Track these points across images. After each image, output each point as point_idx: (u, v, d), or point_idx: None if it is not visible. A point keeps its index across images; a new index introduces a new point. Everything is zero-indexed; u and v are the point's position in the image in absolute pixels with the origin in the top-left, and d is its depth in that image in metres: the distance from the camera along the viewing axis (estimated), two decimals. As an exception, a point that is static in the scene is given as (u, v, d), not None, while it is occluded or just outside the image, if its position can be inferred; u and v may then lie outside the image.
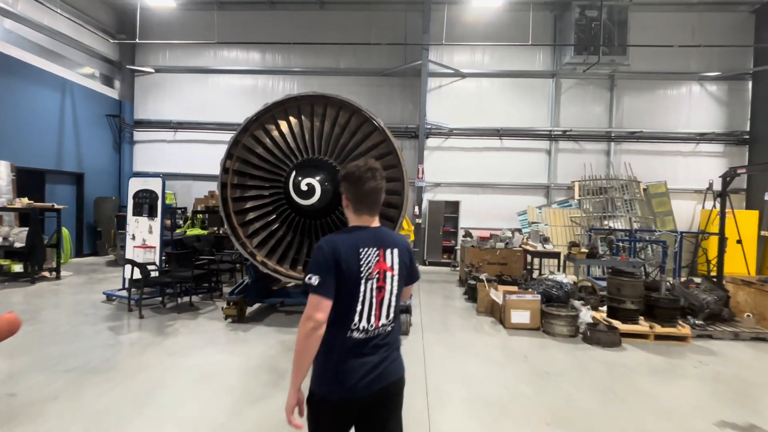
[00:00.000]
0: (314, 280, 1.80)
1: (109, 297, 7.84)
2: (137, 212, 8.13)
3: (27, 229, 8.95)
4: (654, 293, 6.87)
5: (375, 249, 1.93)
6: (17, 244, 8.96)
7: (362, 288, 1.88)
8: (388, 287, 1.95)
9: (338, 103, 6.33)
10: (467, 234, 10.97)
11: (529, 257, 10.08)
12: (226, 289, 8.43)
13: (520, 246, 9.97)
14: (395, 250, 2.00)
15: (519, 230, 11.96)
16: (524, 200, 13.05)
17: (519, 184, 13.25)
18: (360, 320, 1.89)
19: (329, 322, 1.82)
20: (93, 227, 12.63)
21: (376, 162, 2.02)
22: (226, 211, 6.50)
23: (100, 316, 6.84)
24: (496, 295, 7.59)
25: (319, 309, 1.77)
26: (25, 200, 9.03)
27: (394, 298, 1.99)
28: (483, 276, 8.63)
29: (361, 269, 1.87)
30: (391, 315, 1.99)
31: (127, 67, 13.63)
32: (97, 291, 8.40)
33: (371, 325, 1.91)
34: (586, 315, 6.76)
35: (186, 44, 13.53)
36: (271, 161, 6.37)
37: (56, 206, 9.45)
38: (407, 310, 6.42)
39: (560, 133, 13.13)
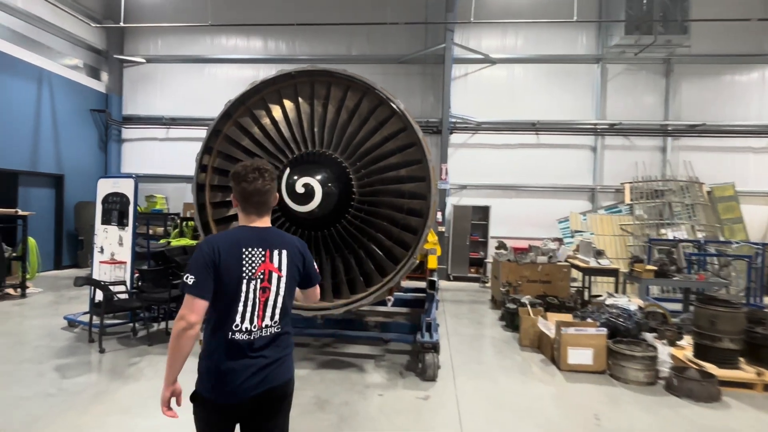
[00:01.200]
0: (190, 279, 1.78)
1: (71, 322, 6.45)
2: (106, 220, 6.73)
3: (-14, 239, 7.66)
4: (759, 328, 5.24)
5: (261, 249, 1.93)
6: (-27, 257, 7.66)
7: (244, 288, 1.87)
8: (273, 288, 1.94)
9: (345, 81, 4.84)
10: (501, 245, 9.35)
11: (576, 273, 8.42)
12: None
13: (566, 260, 8.33)
14: (284, 252, 1.99)
15: (560, 240, 10.29)
16: (565, 205, 11.37)
17: (559, 187, 11.56)
18: (242, 321, 1.87)
19: (211, 323, 1.88)
20: (74, 236, 11.32)
21: (267, 163, 2.04)
22: (203, 220, 5.06)
23: (53, 350, 5.46)
24: (546, 325, 6.01)
25: (193, 310, 1.76)
26: (-17, 205, 7.73)
27: (280, 300, 1.96)
28: (525, 299, 7.01)
29: (244, 269, 1.87)
30: (277, 317, 1.96)
31: (115, 56, 12.34)
32: (63, 313, 7.03)
33: (254, 326, 1.89)
34: (664, 353, 5.17)
35: (180, 31, 12.20)
36: (260, 156, 4.88)
37: (20, 212, 8.12)
38: (434, 348, 4.88)
39: (607, 126, 11.42)
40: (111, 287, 5.97)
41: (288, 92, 4.97)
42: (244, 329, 1.85)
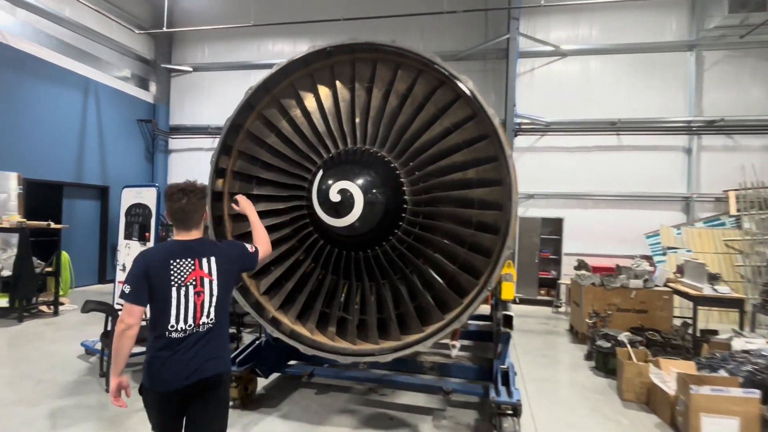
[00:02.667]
0: (127, 288, 2.12)
1: (88, 350, 5.76)
2: (128, 234, 6.02)
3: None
4: None
5: (189, 260, 2.23)
6: (5, 272, 7.23)
7: (174, 294, 2.17)
8: (206, 291, 2.24)
9: (395, 57, 3.77)
10: (581, 264, 7.87)
11: (679, 301, 6.82)
12: (247, 338, 6.05)
13: (665, 285, 6.78)
14: (212, 259, 2.28)
15: (649, 258, 8.64)
16: (653, 216, 9.64)
17: (645, 195, 9.84)
18: (177, 322, 2.17)
19: (150, 324, 2.21)
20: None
21: (196, 183, 2.35)
22: (219, 235, 4.10)
23: (56, 387, 4.73)
24: (660, 377, 4.56)
25: (131, 314, 2.09)
26: (15, 217, 7.31)
27: (215, 300, 2.26)
28: (623, 337, 5.55)
29: (172, 278, 2.17)
30: (212, 314, 2.26)
31: (162, 66, 12.07)
32: (89, 335, 6.38)
33: (189, 325, 2.19)
34: None
35: (226, 37, 11.78)
36: (289, 157, 3.90)
37: (53, 225, 7.66)
38: (515, 411, 3.59)
39: (704, 124, 9.63)
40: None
41: (323, 76, 3.96)
42: (179, 329, 2.18)
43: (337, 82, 3.86)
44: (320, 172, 3.58)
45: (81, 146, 10.17)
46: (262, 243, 2.63)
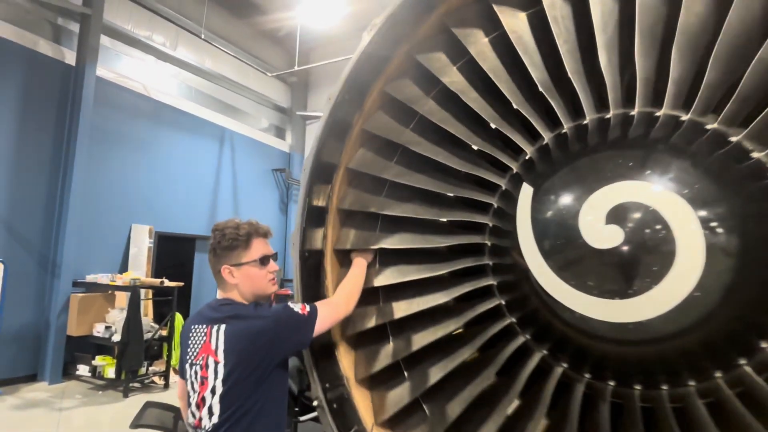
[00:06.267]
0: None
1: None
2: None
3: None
4: None
5: (204, 326, 1.64)
6: (116, 337, 6.36)
7: (188, 375, 1.65)
8: (210, 381, 1.54)
9: None
10: None
11: None
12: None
13: None
14: (221, 327, 1.59)
15: None
16: None
17: None
18: (189, 415, 1.63)
19: None
20: (245, 308, 10.04)
21: (233, 225, 1.74)
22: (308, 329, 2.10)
23: None
24: None
25: (178, 389, 1.85)
26: (129, 274, 6.52)
27: (218, 399, 1.52)
28: None
29: (188, 351, 1.66)
30: (216, 416, 1.52)
31: (298, 113, 11.50)
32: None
33: (192, 425, 1.60)
34: None
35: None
36: (447, 166, 1.79)
37: (167, 283, 6.71)
38: None
39: None
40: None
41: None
42: (190, 423, 1.63)
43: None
44: (523, 185, 1.43)
45: (215, 197, 9.69)
46: (335, 299, 1.74)
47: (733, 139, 1.23)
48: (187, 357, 1.67)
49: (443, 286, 1.70)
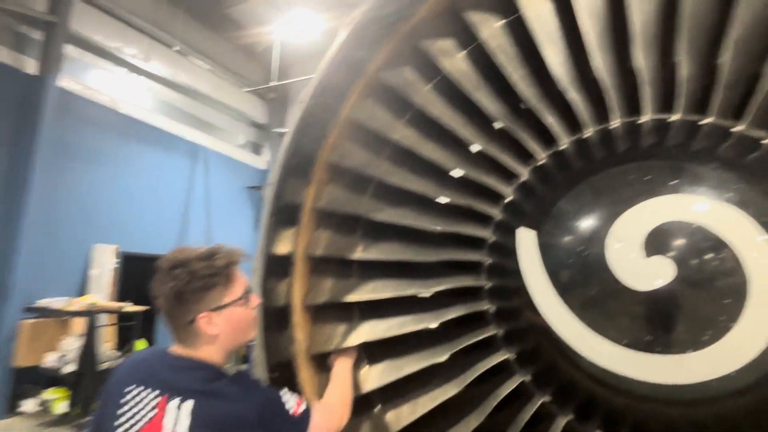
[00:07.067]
0: None
1: None
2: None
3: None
4: None
5: (154, 393, 1.17)
6: (69, 368, 5.84)
7: None
8: None
9: None
10: None
11: None
12: None
13: None
14: (186, 404, 1.14)
15: None
16: None
17: None
18: None
19: None
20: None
21: (206, 256, 1.29)
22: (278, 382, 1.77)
23: None
24: None
25: None
26: (87, 298, 6.03)
27: None
28: None
29: (117, 421, 1.15)
30: None
31: (275, 130, 11.22)
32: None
33: None
34: None
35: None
36: (435, 199, 1.55)
37: (128, 308, 6.25)
38: None
39: None
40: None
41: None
42: None
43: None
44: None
45: (186, 216, 9.26)
46: (329, 404, 1.35)
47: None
48: (116, 426, 1.17)
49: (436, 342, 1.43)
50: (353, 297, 1.56)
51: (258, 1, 9.17)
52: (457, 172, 1.56)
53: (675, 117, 1.14)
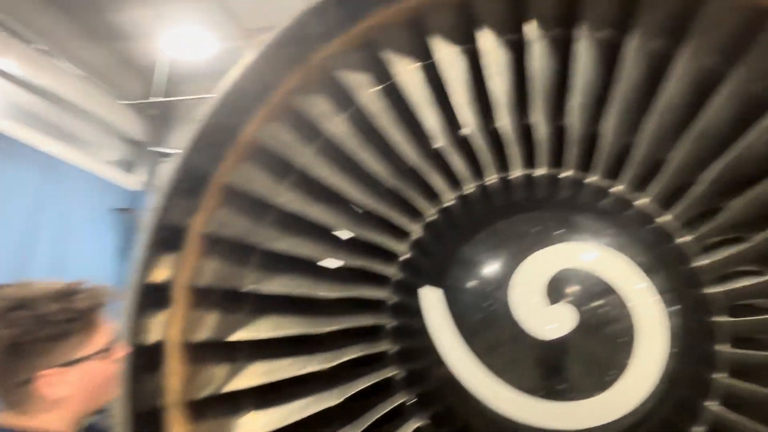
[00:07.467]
0: None
1: None
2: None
3: None
4: None
5: None
6: None
7: None
8: None
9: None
10: None
11: None
12: None
13: None
14: None
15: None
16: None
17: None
18: None
19: None
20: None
21: (53, 286, 1.06)
22: None
23: None
24: None
25: None
26: None
27: None
28: None
29: None
30: None
31: (152, 149, 10.28)
32: None
33: None
34: None
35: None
36: (336, 236, 1.50)
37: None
38: None
39: None
40: None
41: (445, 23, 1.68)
42: None
43: (480, 28, 1.57)
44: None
45: (30, 240, 7.89)
46: None
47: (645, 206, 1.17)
48: None
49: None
50: (240, 335, 1.39)
51: (144, 11, 8.53)
52: (344, 234, 1.52)
53: (540, 172, 1.24)
